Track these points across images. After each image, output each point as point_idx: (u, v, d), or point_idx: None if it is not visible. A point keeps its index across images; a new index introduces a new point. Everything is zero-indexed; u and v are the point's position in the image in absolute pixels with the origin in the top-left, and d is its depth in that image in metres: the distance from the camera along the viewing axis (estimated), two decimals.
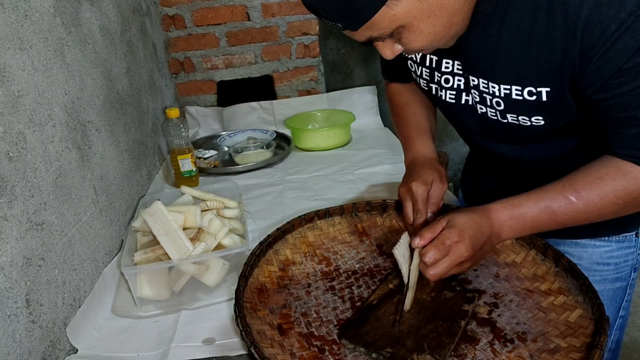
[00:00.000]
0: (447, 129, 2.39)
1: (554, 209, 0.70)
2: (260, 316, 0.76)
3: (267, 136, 1.69)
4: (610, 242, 0.86)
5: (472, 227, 0.69)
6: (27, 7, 0.80)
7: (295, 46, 1.93)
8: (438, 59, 0.79)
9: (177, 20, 1.82)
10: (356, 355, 0.69)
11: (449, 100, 0.81)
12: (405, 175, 0.92)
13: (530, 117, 0.71)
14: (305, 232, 0.97)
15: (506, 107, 0.72)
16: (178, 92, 1.93)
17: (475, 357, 0.67)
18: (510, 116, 0.73)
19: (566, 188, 0.70)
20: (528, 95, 0.68)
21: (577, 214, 0.69)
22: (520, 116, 0.72)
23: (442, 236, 0.69)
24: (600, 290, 0.75)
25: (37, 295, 0.73)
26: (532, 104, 0.69)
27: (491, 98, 0.73)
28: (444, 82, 0.80)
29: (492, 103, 0.73)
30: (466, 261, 0.69)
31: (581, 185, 0.69)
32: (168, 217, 0.89)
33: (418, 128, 0.97)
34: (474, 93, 0.76)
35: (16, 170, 0.71)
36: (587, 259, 0.87)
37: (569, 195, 0.69)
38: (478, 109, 0.77)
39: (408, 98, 1.00)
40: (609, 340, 0.92)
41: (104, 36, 1.15)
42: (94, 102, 1.03)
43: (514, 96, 0.70)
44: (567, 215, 0.70)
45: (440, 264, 0.68)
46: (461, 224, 0.69)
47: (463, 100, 0.79)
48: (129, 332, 0.84)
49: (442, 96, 0.82)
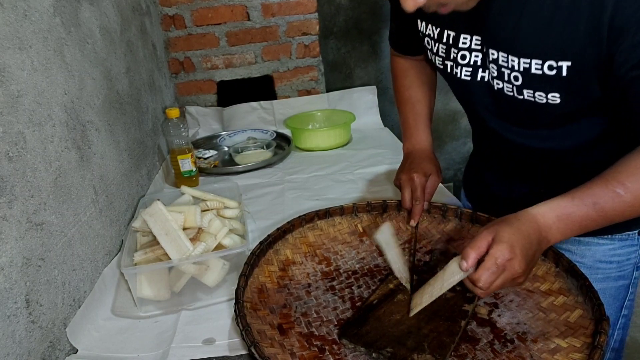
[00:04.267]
0: (447, 129, 2.39)
1: (602, 205, 0.66)
2: (260, 316, 0.76)
3: (267, 136, 1.69)
4: (613, 240, 0.86)
5: (521, 240, 0.64)
6: (27, 7, 0.80)
7: (295, 46, 1.92)
8: (456, 34, 0.78)
9: (177, 20, 1.82)
10: (356, 355, 0.69)
11: (464, 77, 0.80)
12: (404, 163, 0.98)
13: (547, 94, 0.69)
14: (305, 232, 0.96)
15: (524, 82, 0.71)
16: (178, 92, 1.93)
17: (476, 357, 0.67)
18: (527, 92, 0.71)
19: (610, 182, 0.66)
20: (548, 70, 0.67)
21: (625, 208, 0.66)
22: (537, 92, 0.70)
23: (492, 255, 0.63)
24: (603, 289, 0.75)
25: (36, 295, 0.73)
26: (551, 79, 0.67)
27: (509, 72, 0.72)
28: (460, 59, 0.79)
29: (509, 78, 0.72)
30: (521, 275, 0.65)
31: (625, 176, 0.65)
32: (168, 217, 0.88)
33: (420, 117, 1.02)
34: (492, 68, 0.74)
35: (16, 170, 0.71)
36: (590, 257, 0.87)
37: (615, 189, 0.65)
38: (495, 84, 0.76)
39: (412, 80, 1.03)
40: (612, 339, 0.92)
41: (104, 36, 1.15)
42: (93, 102, 1.03)
43: (533, 70, 0.68)
44: (616, 210, 0.66)
45: (495, 284, 0.64)
46: (510, 239, 0.64)
47: (479, 77, 0.78)
48: (129, 332, 0.84)
49: (458, 74, 0.81)
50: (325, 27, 2.00)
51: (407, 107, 1.03)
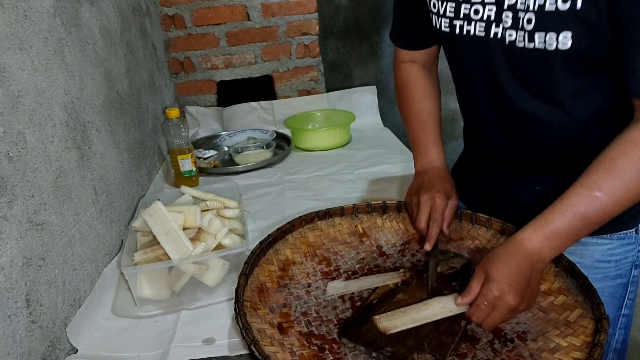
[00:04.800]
0: (447, 129, 2.39)
1: (583, 213, 0.67)
2: (260, 315, 0.76)
3: (267, 136, 1.69)
4: (612, 239, 0.86)
5: (509, 274, 0.67)
6: (27, 7, 0.80)
7: (295, 46, 1.93)
8: None
9: (177, 20, 1.83)
10: (356, 354, 0.69)
11: (478, 34, 0.78)
12: (419, 181, 0.94)
13: (558, 34, 0.68)
14: (305, 232, 0.97)
15: (536, 23, 0.69)
16: (178, 92, 1.93)
17: (476, 357, 0.67)
18: (538, 37, 0.70)
19: (585, 185, 0.67)
20: (562, 2, 0.66)
21: (607, 209, 0.66)
22: (548, 34, 0.69)
23: (482, 294, 0.68)
24: (601, 288, 0.75)
25: (37, 295, 0.73)
26: (564, 14, 0.66)
27: (524, 14, 0.70)
28: (473, 14, 0.77)
29: (523, 23, 0.71)
30: (519, 305, 0.68)
31: (599, 177, 0.66)
32: (168, 217, 0.89)
33: (432, 132, 0.98)
34: (506, 17, 0.73)
35: (16, 170, 0.71)
36: (589, 257, 0.87)
37: (591, 193, 0.66)
38: (507, 37, 0.74)
39: (421, 91, 0.99)
40: (613, 340, 0.92)
41: (104, 36, 1.15)
42: (93, 102, 1.03)
43: (547, 7, 0.67)
44: (599, 213, 0.67)
45: (490, 319, 0.68)
46: (497, 276, 0.68)
47: (492, 34, 0.76)
48: (129, 332, 0.84)
49: (470, 31, 0.78)
50: (325, 28, 2.00)
51: (417, 121, 0.99)
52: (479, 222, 0.94)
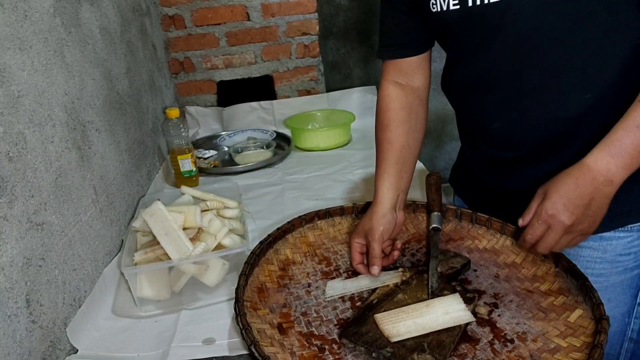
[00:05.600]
0: (447, 129, 2.39)
1: None
2: (260, 315, 0.76)
3: (267, 136, 1.69)
4: (632, 231, 0.85)
5: (566, 193, 0.68)
6: (27, 8, 0.80)
7: (295, 46, 1.93)
8: None
9: (177, 20, 1.83)
10: (356, 354, 0.69)
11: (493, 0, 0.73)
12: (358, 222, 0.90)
13: None
14: (305, 232, 0.97)
15: None
16: (178, 92, 1.93)
17: (476, 357, 0.67)
18: None
19: None
20: None
21: None
22: None
23: (536, 213, 0.69)
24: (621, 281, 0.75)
25: (37, 295, 0.73)
26: None
27: None
28: None
29: None
30: (574, 226, 0.68)
31: None
32: (168, 217, 0.89)
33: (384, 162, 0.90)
34: None
35: (16, 171, 0.71)
36: (612, 251, 0.87)
37: None
38: None
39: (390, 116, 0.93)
40: (628, 329, 0.92)
41: (104, 36, 1.15)
42: (93, 102, 1.03)
43: None
44: None
45: (545, 240, 0.69)
46: (553, 195, 0.69)
47: None
48: (129, 332, 0.84)
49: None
50: (324, 28, 2.00)
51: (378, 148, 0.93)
52: (479, 222, 0.94)
